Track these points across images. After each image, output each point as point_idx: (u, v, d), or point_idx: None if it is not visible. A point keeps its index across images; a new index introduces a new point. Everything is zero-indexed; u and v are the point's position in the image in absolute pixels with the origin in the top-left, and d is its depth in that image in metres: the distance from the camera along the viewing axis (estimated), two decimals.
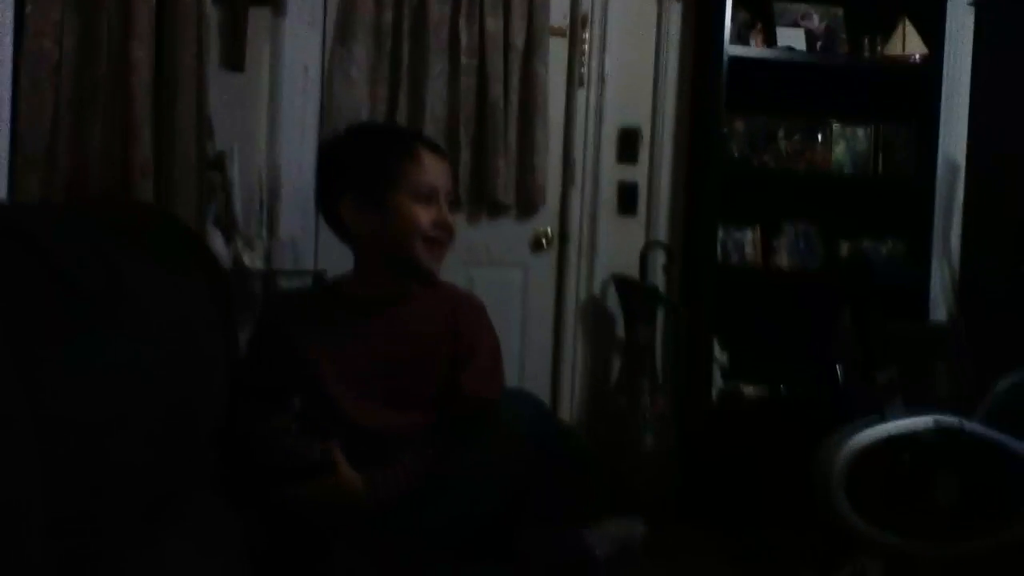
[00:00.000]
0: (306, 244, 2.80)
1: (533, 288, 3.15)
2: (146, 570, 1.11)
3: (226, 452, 1.42)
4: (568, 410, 3.13)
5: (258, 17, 2.79)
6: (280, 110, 2.83)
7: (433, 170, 1.59)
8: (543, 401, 1.55)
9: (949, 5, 3.14)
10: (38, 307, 1.13)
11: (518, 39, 2.97)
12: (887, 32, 3.14)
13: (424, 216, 1.57)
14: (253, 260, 2.46)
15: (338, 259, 1.82)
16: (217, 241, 2.44)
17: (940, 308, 3.23)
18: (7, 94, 2.22)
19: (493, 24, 2.93)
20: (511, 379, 2.81)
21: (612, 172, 3.17)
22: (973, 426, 2.32)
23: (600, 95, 3.14)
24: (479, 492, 1.31)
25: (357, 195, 1.59)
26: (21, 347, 1.03)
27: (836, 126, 3.21)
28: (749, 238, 3.17)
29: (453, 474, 1.31)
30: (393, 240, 1.58)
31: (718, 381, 3.03)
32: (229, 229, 2.51)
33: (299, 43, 2.85)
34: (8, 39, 2.23)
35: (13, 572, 0.91)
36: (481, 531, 1.30)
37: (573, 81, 3.13)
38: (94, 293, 1.21)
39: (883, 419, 2.35)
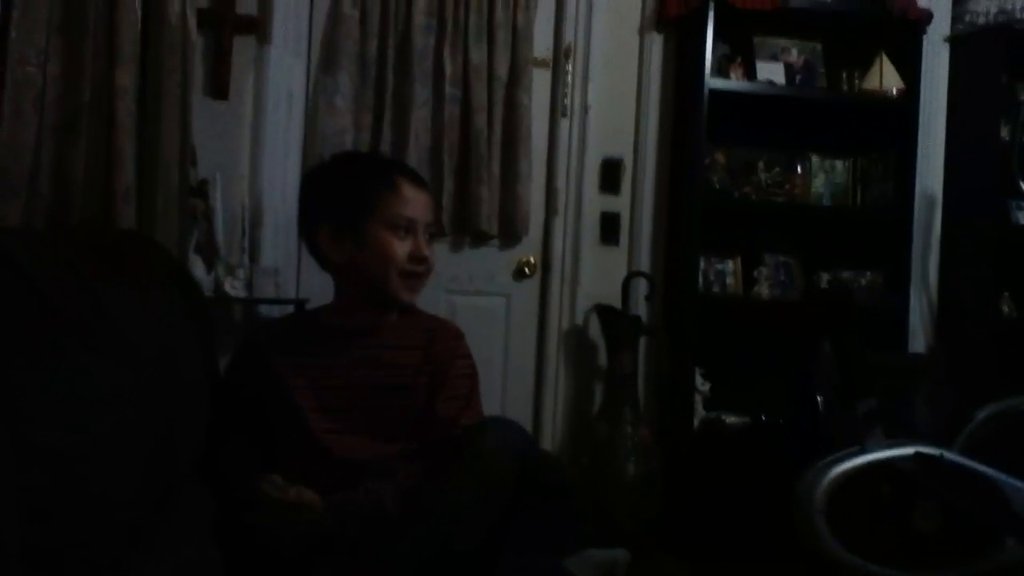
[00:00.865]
0: (288, 272, 2.79)
1: (516, 316, 3.16)
2: None
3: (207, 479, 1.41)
4: (550, 438, 3.12)
5: (243, 45, 2.80)
6: (264, 138, 2.83)
7: (412, 202, 1.58)
8: (525, 430, 1.53)
9: (925, 41, 3.21)
10: (18, 333, 1.13)
11: (502, 70, 2.99)
12: (865, 67, 3.20)
13: (400, 248, 1.56)
14: (235, 288, 2.45)
15: (321, 287, 1.82)
16: (199, 268, 2.43)
17: (919, 338, 3.26)
18: None
19: (477, 55, 2.96)
20: (493, 407, 2.82)
21: (595, 202, 3.19)
22: (953, 456, 2.33)
23: (583, 126, 3.17)
24: (462, 523, 1.29)
25: (335, 224, 1.59)
26: (0, 372, 1.03)
27: (815, 158, 3.26)
28: (730, 268, 3.19)
29: (435, 504, 1.30)
30: (368, 271, 1.58)
31: (700, 410, 3.04)
32: (211, 256, 2.50)
33: (283, 71, 2.86)
34: None
35: None
36: (463, 561, 1.29)
37: (556, 111, 3.16)
38: (75, 319, 1.21)
39: (863, 449, 2.37)
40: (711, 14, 2.95)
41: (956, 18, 3.35)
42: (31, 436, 1.05)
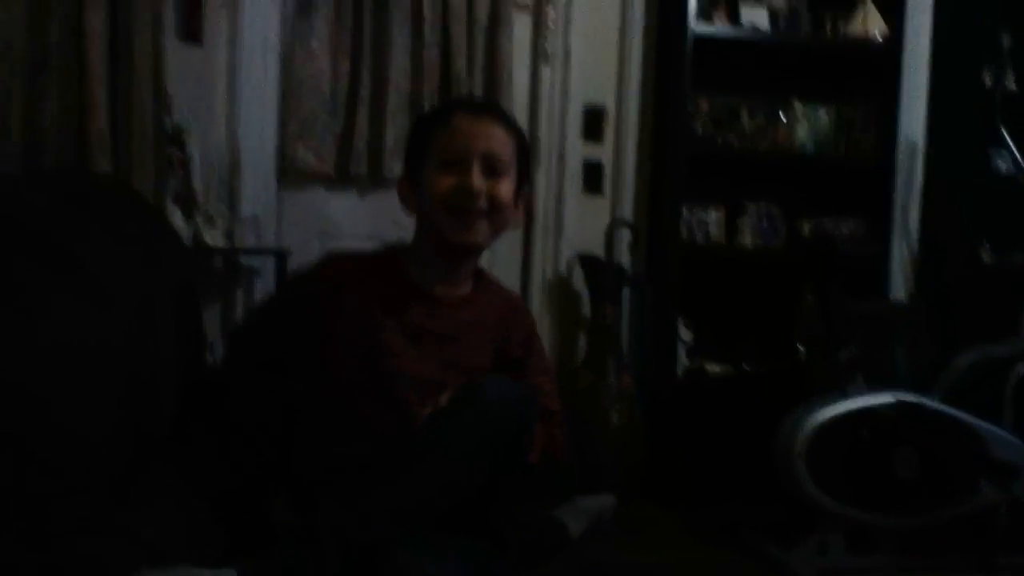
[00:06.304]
0: (268, 221, 2.75)
1: (499, 266, 3.12)
2: (103, 551, 1.09)
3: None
4: None
5: None
6: (240, 83, 2.76)
7: (465, 134, 1.45)
8: (532, 392, 1.50)
9: None
10: None
11: (482, 13, 2.93)
12: (849, 11, 3.17)
13: (445, 183, 1.44)
14: (214, 237, 2.41)
15: (302, 237, 1.78)
16: (177, 218, 2.39)
17: (900, 286, 3.28)
18: None
19: None
20: None
21: (577, 150, 3.15)
22: (932, 403, 2.36)
23: (565, 72, 3.12)
24: (464, 463, 1.29)
25: (406, 175, 1.54)
26: None
27: (798, 105, 3.23)
28: (713, 217, 3.18)
29: (439, 442, 1.29)
30: (424, 215, 1.49)
31: (683, 359, 3.06)
32: (189, 205, 2.46)
33: (259, 15, 2.78)
34: None
35: None
36: (460, 505, 1.29)
37: (538, 57, 3.11)
38: (53, 264, 1.18)
39: (844, 396, 2.39)
40: None
41: None
42: (7, 376, 1.03)
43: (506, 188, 1.47)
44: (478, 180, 1.44)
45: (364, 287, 1.47)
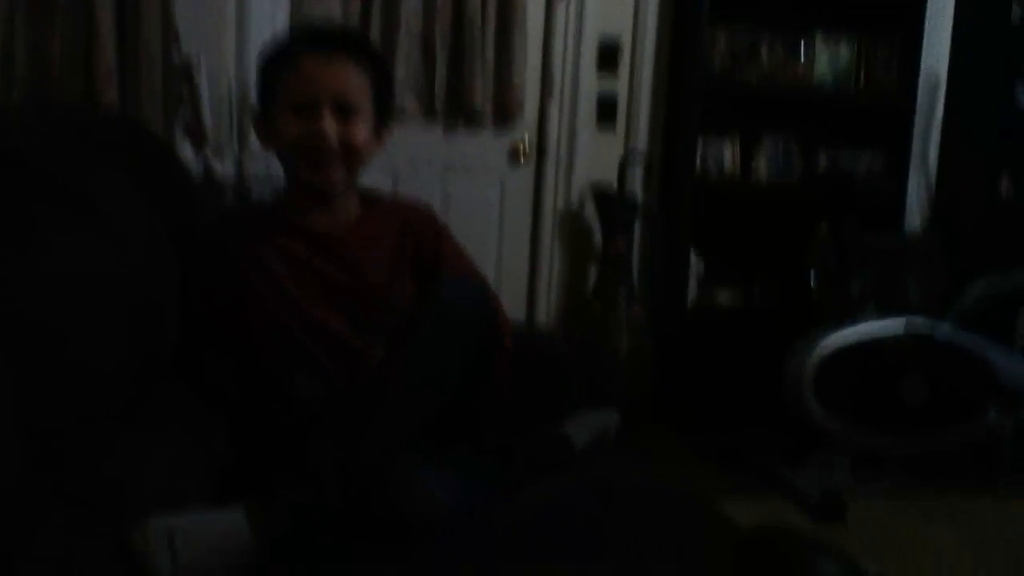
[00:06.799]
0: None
1: (511, 200, 3.13)
2: (123, 469, 1.12)
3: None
4: (544, 317, 3.15)
5: None
6: (249, 21, 2.73)
7: (315, 77, 1.43)
8: (484, 286, 1.50)
9: None
10: (7, 211, 1.11)
11: None
12: None
13: (295, 129, 1.43)
14: (224, 169, 2.42)
15: None
16: (187, 150, 2.39)
17: (916, 220, 3.25)
18: None
19: None
20: None
21: (592, 84, 3.11)
22: (942, 330, 2.36)
23: (580, 5, 3.06)
24: (434, 375, 1.29)
25: (259, 113, 1.52)
26: None
27: (820, 39, 3.16)
28: (728, 151, 3.15)
29: (404, 361, 1.30)
30: (281, 159, 1.50)
31: (694, 290, 3.06)
32: (198, 139, 2.46)
33: None
34: None
35: None
36: (446, 416, 1.31)
37: None
38: (64, 200, 1.19)
39: (854, 324, 2.39)
40: None
41: None
42: (16, 309, 1.05)
43: (359, 130, 1.47)
44: (329, 125, 1.43)
45: (250, 239, 1.48)
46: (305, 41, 1.50)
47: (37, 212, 1.17)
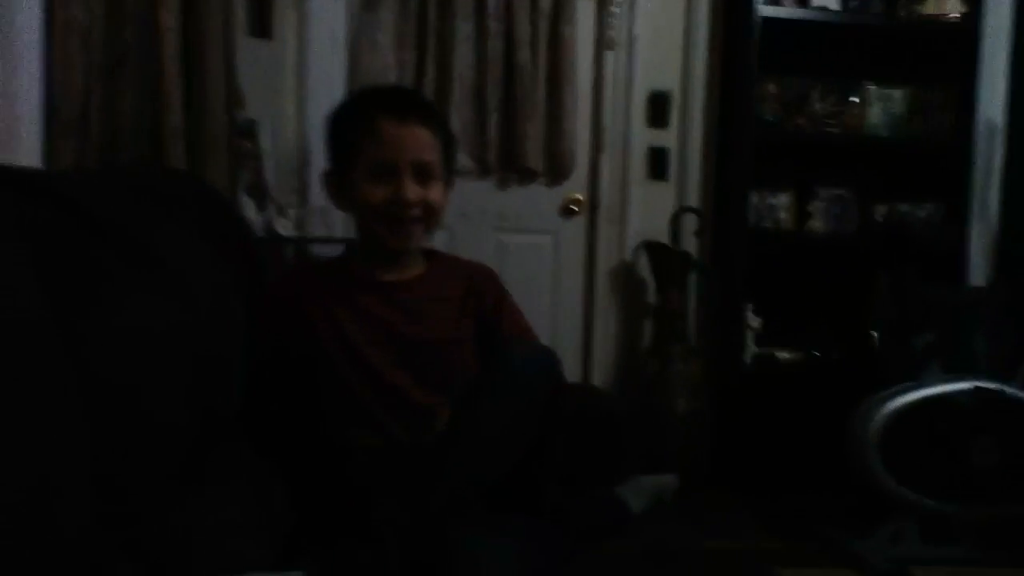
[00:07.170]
0: (336, 211, 2.77)
1: (564, 254, 3.13)
2: (188, 527, 1.12)
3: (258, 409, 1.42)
4: (600, 375, 3.12)
5: None
6: (308, 77, 2.81)
7: (394, 143, 1.46)
8: (552, 351, 1.50)
9: None
10: (78, 269, 1.14)
11: (545, 2, 2.92)
12: None
13: (378, 194, 1.46)
14: (285, 227, 2.47)
15: None
16: (250, 209, 2.45)
17: (979, 272, 3.17)
18: (38, 62, 2.23)
19: None
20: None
21: (642, 137, 3.12)
22: (1013, 391, 2.28)
23: (630, 58, 3.09)
24: (495, 441, 1.29)
25: (332, 173, 1.55)
26: (64, 309, 1.04)
27: (872, 88, 3.14)
28: (783, 202, 3.12)
29: (467, 426, 1.30)
30: (359, 221, 1.53)
31: (751, 346, 3.01)
32: (261, 197, 2.52)
33: (325, 9, 2.83)
34: (37, 8, 2.24)
35: (66, 533, 0.92)
36: (505, 480, 1.29)
37: (602, 44, 3.09)
38: (133, 258, 1.22)
39: (920, 384, 2.33)
40: None
41: None
42: (94, 370, 1.07)
43: (437, 191, 1.50)
44: (411, 191, 1.46)
45: (320, 292, 1.51)
46: (379, 105, 1.53)
47: (112, 270, 1.20)
